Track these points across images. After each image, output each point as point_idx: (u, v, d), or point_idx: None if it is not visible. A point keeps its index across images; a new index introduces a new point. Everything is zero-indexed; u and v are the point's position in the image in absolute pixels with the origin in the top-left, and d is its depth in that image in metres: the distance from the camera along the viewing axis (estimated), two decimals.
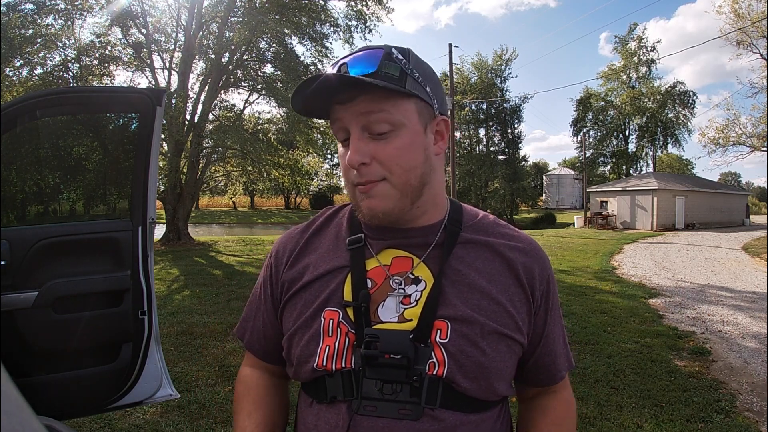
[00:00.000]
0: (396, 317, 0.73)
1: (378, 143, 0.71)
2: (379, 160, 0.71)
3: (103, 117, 2.41)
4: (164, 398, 2.19)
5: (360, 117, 0.71)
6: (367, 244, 0.79)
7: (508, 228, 0.83)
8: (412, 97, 0.72)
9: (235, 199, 40.34)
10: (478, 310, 0.73)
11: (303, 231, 0.87)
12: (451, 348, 0.71)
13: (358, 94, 0.70)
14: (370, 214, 0.74)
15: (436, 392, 0.70)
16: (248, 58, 14.88)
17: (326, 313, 0.76)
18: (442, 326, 0.72)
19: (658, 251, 13.84)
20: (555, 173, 52.42)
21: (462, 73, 35.54)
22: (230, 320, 5.19)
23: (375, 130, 0.71)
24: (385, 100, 0.70)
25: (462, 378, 0.70)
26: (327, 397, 0.73)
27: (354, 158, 0.71)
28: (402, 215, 0.75)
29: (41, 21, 12.16)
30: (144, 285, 2.05)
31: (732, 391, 3.62)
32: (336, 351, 0.73)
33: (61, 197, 2.55)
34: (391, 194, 0.73)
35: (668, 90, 37.44)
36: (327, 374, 0.74)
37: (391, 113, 0.71)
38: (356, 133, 0.72)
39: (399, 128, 0.71)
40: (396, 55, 0.72)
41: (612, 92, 39.42)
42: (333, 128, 0.76)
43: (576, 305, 6.29)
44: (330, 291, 0.77)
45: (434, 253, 0.77)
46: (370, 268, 0.77)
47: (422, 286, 0.75)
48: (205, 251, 12.29)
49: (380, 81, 0.68)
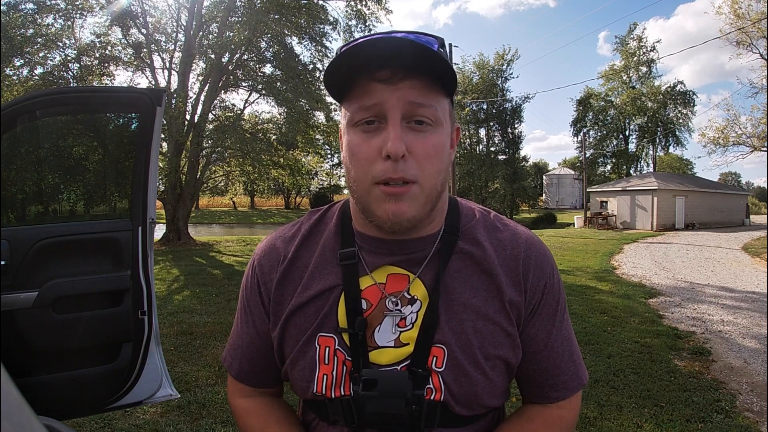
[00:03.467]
0: (393, 341, 0.70)
1: (416, 136, 0.64)
2: (414, 154, 0.63)
3: (103, 117, 2.41)
4: (164, 398, 2.19)
5: (407, 103, 0.62)
6: (361, 258, 0.73)
7: (507, 229, 0.77)
8: (448, 97, 0.67)
9: (235, 199, 40.37)
10: (474, 332, 0.70)
11: (287, 241, 0.78)
12: (446, 377, 0.69)
13: (414, 73, 0.62)
14: (394, 220, 0.65)
15: (434, 415, 0.69)
16: (248, 58, 14.89)
17: (320, 339, 0.71)
18: (438, 353, 0.69)
19: (658, 251, 13.83)
20: (555, 173, 52.43)
21: (463, 73, 35.52)
22: (230, 320, 5.17)
23: (420, 118, 0.63)
24: (433, 91, 0.64)
25: (455, 404, 0.70)
26: (329, 419, 0.73)
27: (398, 146, 0.61)
28: (420, 223, 0.69)
29: (41, 21, 12.18)
30: (144, 285, 2.05)
31: (732, 391, 3.62)
32: (334, 380, 0.71)
33: (61, 197, 2.55)
34: (420, 200, 0.65)
35: (669, 90, 37.45)
36: (327, 399, 0.72)
37: (437, 107, 0.65)
38: (395, 119, 0.63)
39: (439, 125, 0.66)
40: (447, 48, 0.68)
41: (612, 92, 39.41)
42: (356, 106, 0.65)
43: (576, 305, 6.29)
44: (323, 315, 0.72)
45: (430, 267, 0.72)
46: (365, 287, 0.72)
47: (417, 306, 0.71)
48: (205, 251, 12.30)
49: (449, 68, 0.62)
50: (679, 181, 27.09)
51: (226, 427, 2.85)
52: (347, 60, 0.62)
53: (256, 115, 16.94)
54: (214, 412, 3.04)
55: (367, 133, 0.64)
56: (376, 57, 0.61)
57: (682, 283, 8.53)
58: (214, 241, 14.98)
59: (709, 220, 25.59)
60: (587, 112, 40.44)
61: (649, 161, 40.51)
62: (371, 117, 0.64)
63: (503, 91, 36.41)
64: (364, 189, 0.65)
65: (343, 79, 0.65)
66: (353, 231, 0.75)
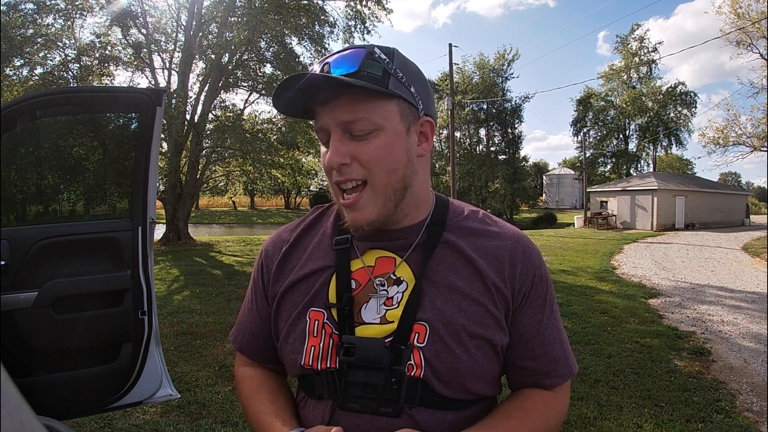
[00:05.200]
0: (378, 318, 0.75)
1: (359, 144, 0.71)
2: (359, 160, 0.71)
3: (103, 117, 2.41)
4: (164, 398, 2.19)
5: (340, 118, 0.70)
6: (353, 244, 0.80)
7: (496, 225, 0.82)
8: (394, 98, 0.72)
9: (235, 199, 40.35)
10: (458, 311, 0.73)
11: (292, 229, 0.88)
12: (427, 353, 0.72)
13: (339, 94, 0.70)
14: (355, 227, 0.74)
15: (414, 392, 0.72)
16: (248, 58, 14.89)
17: (311, 313, 0.77)
18: (420, 330, 0.73)
19: (658, 251, 13.83)
20: (555, 173, 52.42)
21: (464, 73, 35.53)
22: (230, 320, 5.19)
23: (355, 130, 0.70)
24: (366, 101, 0.70)
25: (436, 382, 0.72)
26: (315, 394, 0.77)
27: (334, 159, 0.71)
28: (386, 221, 0.75)
29: (41, 21, 12.18)
30: (144, 285, 2.05)
31: (732, 391, 3.62)
32: (321, 352, 0.75)
33: (61, 197, 2.55)
34: (374, 202, 0.73)
35: (669, 90, 37.44)
36: (314, 373, 0.76)
37: (372, 114, 0.70)
38: (336, 134, 0.71)
39: (380, 129, 0.71)
40: (379, 55, 0.71)
41: (612, 92, 39.41)
42: (315, 129, 0.75)
43: (576, 305, 6.29)
44: (315, 291, 0.78)
45: (416, 253, 0.78)
46: (355, 269, 0.78)
47: (403, 287, 0.76)
48: (205, 251, 12.30)
49: (360, 81, 0.68)
50: (679, 181, 27.10)
51: (226, 427, 2.85)
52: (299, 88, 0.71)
53: (256, 115, 16.94)
54: (214, 412, 3.04)
55: (325, 148, 0.75)
56: (315, 83, 0.70)
57: (682, 283, 8.53)
58: (214, 241, 14.98)
59: (709, 220, 25.59)
60: (587, 112, 40.44)
61: (649, 161, 40.56)
62: (325, 135, 0.74)
63: (503, 91, 36.42)
64: (334, 191, 0.76)
65: (301, 106, 0.75)
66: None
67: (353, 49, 0.72)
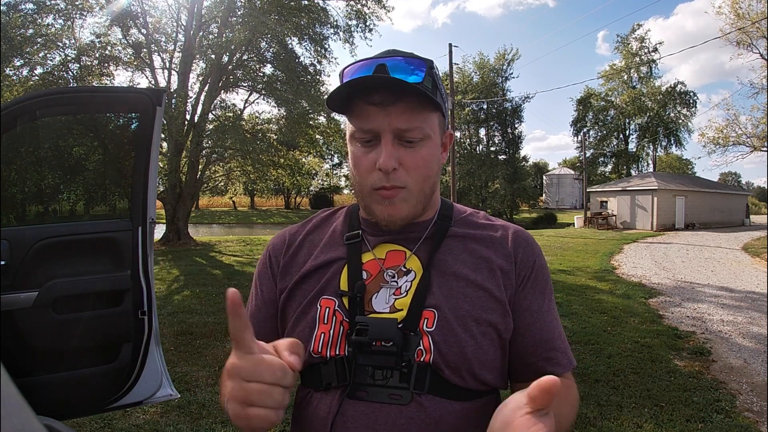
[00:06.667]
0: (388, 307, 0.77)
1: (406, 150, 0.75)
2: (405, 166, 0.75)
3: (103, 117, 2.41)
4: (164, 398, 2.19)
5: (396, 124, 0.73)
6: (364, 239, 0.83)
7: (498, 221, 0.87)
8: (438, 110, 0.76)
9: (235, 199, 40.37)
10: (464, 297, 0.76)
11: (300, 227, 0.90)
12: (436, 337, 0.74)
13: (396, 100, 0.72)
14: (389, 220, 0.77)
15: (424, 378, 0.72)
16: (248, 58, 14.88)
17: (323, 301, 0.79)
18: (429, 315, 0.75)
19: (658, 251, 13.84)
20: (555, 173, 52.39)
21: (464, 73, 35.52)
22: None
23: (407, 137, 0.74)
24: (420, 110, 0.74)
25: (445, 366, 0.73)
26: (323, 384, 0.76)
27: (389, 163, 0.73)
28: (414, 219, 0.80)
29: (41, 21, 12.18)
30: (144, 285, 2.05)
31: (732, 391, 3.62)
32: (330, 339, 0.76)
33: (61, 197, 2.55)
34: (410, 202, 0.77)
35: (669, 90, 37.44)
36: (322, 361, 0.76)
37: (425, 123, 0.75)
38: (389, 139, 0.74)
39: (427, 139, 0.76)
40: (436, 69, 0.76)
41: (612, 92, 39.41)
42: (356, 126, 0.76)
43: (576, 305, 6.29)
44: (326, 280, 0.80)
45: (425, 245, 0.82)
46: (366, 260, 0.81)
47: (412, 276, 0.79)
48: (205, 251, 12.30)
49: (428, 92, 0.72)
50: (679, 181, 27.09)
51: (226, 427, 2.85)
52: (347, 84, 0.73)
53: (256, 116, 16.93)
54: (214, 412, 3.04)
55: (365, 148, 0.76)
56: (370, 83, 0.72)
57: (682, 283, 8.53)
58: (214, 241, 14.99)
59: (709, 220, 25.59)
60: (587, 112, 40.45)
61: (649, 161, 40.58)
62: (368, 138, 0.75)
63: (503, 91, 36.41)
64: (365, 193, 0.78)
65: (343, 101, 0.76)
66: (359, 219, 0.86)
67: (412, 57, 0.75)
